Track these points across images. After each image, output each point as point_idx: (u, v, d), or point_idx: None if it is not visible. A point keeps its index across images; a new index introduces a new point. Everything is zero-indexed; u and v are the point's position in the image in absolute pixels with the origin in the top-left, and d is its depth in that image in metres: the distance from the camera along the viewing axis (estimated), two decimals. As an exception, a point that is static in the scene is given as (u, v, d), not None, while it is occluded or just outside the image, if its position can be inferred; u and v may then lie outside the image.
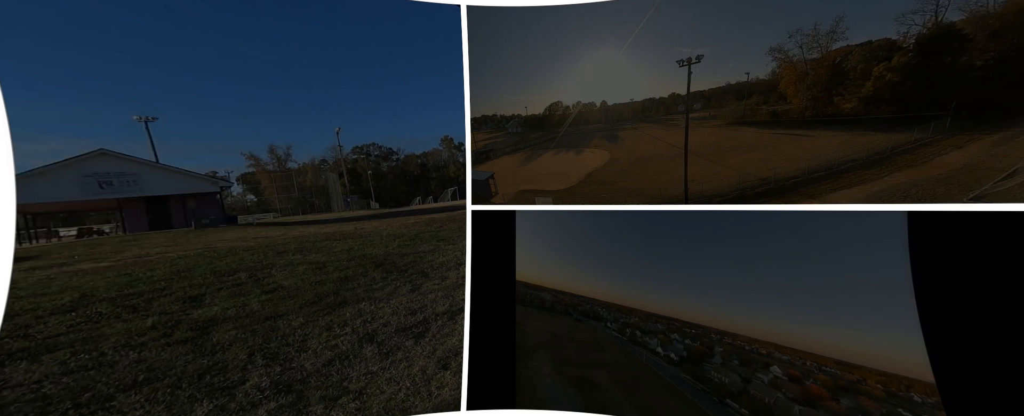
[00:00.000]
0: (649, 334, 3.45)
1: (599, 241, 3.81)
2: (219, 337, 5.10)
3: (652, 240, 3.60)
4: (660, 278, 3.51)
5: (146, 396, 3.86)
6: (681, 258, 3.46)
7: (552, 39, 3.93)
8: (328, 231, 14.03)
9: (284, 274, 7.89)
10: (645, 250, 3.61)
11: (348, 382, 4.15)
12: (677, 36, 3.65)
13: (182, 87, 25.26)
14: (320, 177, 39.07)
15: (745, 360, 3.05)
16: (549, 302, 3.92)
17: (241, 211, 34.66)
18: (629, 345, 3.52)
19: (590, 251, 3.82)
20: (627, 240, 3.71)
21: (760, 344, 3.07)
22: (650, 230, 3.62)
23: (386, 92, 40.29)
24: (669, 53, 3.72)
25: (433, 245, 10.39)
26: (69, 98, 21.41)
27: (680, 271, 3.42)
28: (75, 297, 6.51)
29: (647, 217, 3.67)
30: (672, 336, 3.35)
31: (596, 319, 3.72)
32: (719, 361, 3.13)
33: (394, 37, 37.29)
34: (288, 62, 31.76)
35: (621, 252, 3.72)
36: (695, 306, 3.29)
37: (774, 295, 2.97)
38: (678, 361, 3.28)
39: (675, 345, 3.32)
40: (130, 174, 19.71)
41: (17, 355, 4.59)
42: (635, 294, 3.61)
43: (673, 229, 3.54)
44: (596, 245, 3.81)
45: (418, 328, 5.38)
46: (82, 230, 22.39)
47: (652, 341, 3.42)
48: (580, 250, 3.86)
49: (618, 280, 3.71)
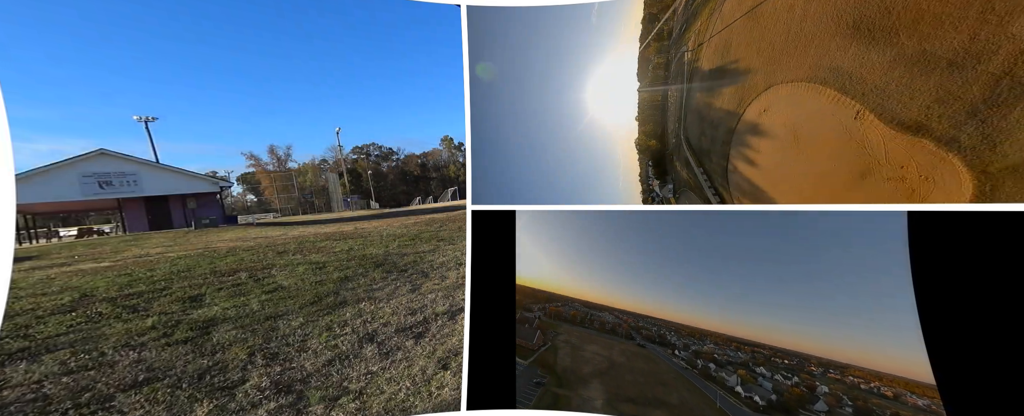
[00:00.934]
0: (727, 367, 2.81)
1: (663, 248, 3.25)
2: (219, 337, 5.10)
3: (722, 249, 2.93)
4: (737, 294, 2.80)
5: (146, 396, 3.86)
6: (762, 268, 2.73)
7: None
8: (328, 231, 14.03)
9: (284, 274, 7.89)
10: (718, 260, 2.95)
11: (348, 382, 4.14)
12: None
13: (182, 87, 25.26)
14: (320, 177, 39.07)
15: (865, 411, 2.24)
16: (611, 324, 3.49)
17: (241, 211, 34.66)
18: (700, 381, 2.90)
19: (658, 263, 3.27)
20: (695, 247, 3.08)
21: (885, 381, 2.33)
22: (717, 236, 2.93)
23: (386, 92, 40.29)
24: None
25: (433, 245, 10.39)
26: (69, 98, 21.39)
27: (761, 284, 2.72)
28: (75, 297, 6.51)
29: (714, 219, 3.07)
30: (757, 371, 2.64)
31: (662, 344, 3.20)
32: (824, 409, 2.34)
33: (394, 37, 37.28)
34: (288, 62, 31.76)
35: (693, 261, 3.06)
36: (789, 327, 2.55)
37: (895, 312, 2.20)
38: (765, 408, 2.54)
39: (761, 384, 2.59)
40: (130, 174, 19.71)
41: (17, 355, 4.59)
42: (708, 312, 2.97)
43: (748, 235, 2.79)
44: (661, 253, 3.25)
45: (418, 328, 5.38)
46: (82, 230, 22.37)
47: (730, 378, 2.77)
48: (646, 262, 3.34)
49: (688, 295, 3.11)
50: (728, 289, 2.90)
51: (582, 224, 3.78)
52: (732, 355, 2.76)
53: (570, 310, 3.77)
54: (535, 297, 3.84)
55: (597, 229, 3.73)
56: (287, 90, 34.38)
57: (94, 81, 22.71)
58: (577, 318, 3.67)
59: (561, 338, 3.70)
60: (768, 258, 2.87)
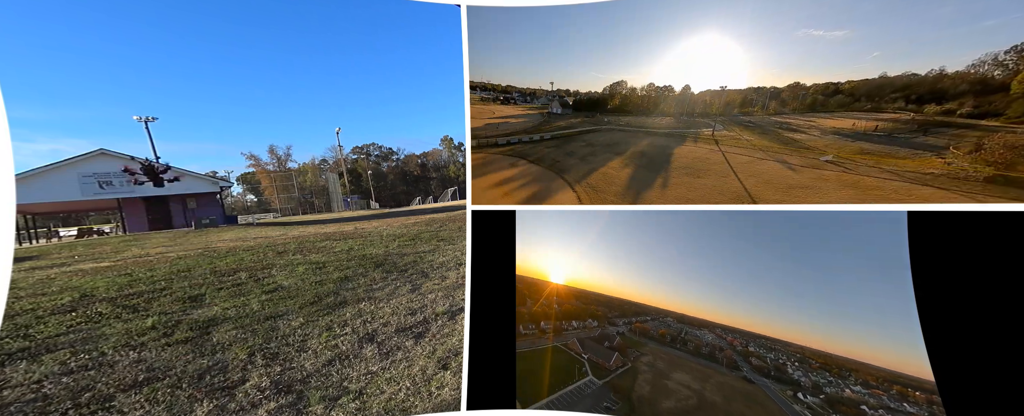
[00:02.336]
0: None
1: (764, 250, 2.60)
2: (219, 337, 5.10)
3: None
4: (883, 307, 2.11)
5: (146, 396, 3.85)
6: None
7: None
8: (328, 231, 14.02)
9: (284, 274, 7.89)
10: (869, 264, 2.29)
11: (348, 382, 4.14)
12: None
13: (182, 87, 25.24)
14: (320, 177, 39.08)
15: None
16: (710, 346, 2.84)
17: (241, 211, 34.66)
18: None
19: (766, 267, 2.62)
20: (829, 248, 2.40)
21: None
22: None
23: (386, 92, 40.34)
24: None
25: (433, 245, 10.38)
26: (69, 98, 21.38)
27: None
28: (75, 297, 6.50)
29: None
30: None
31: (781, 380, 2.39)
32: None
33: (394, 37, 37.33)
34: (288, 62, 31.80)
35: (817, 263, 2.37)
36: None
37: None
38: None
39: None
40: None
41: (17, 355, 4.59)
42: (847, 335, 2.20)
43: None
44: (763, 257, 2.59)
45: (418, 328, 5.38)
46: (82, 230, 22.37)
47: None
48: (752, 268, 2.64)
49: (825, 311, 2.35)
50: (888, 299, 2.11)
51: (664, 223, 3.27)
52: (896, 408, 1.77)
53: (660, 326, 3.28)
54: (620, 310, 3.45)
55: (679, 228, 3.23)
56: (287, 90, 34.40)
57: (94, 81, 22.68)
58: (667, 337, 3.19)
59: (644, 360, 3.21)
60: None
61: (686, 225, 3.26)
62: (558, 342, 3.82)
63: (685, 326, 3.07)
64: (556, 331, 3.86)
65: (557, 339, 3.83)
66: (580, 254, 3.73)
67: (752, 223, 2.94)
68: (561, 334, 3.85)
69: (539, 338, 3.84)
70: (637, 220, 3.50)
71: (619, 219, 3.55)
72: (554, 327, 3.87)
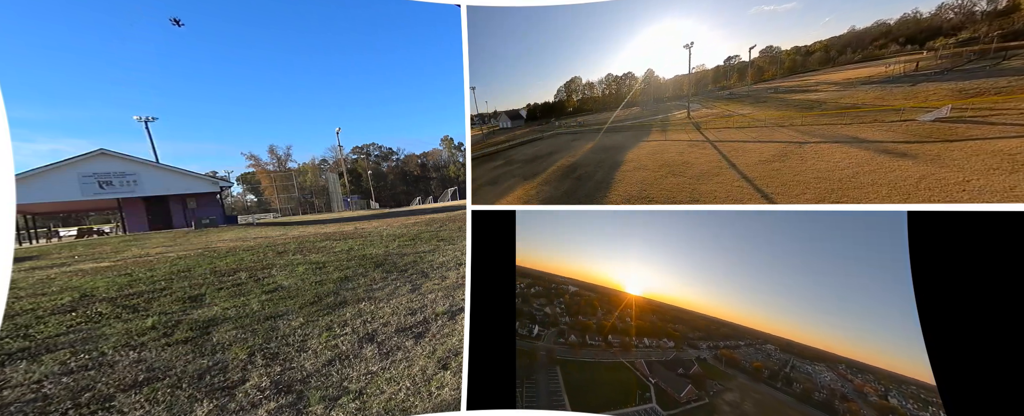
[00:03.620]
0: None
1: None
2: (219, 337, 5.10)
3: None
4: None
5: (146, 396, 3.85)
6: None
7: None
8: (328, 231, 14.02)
9: (284, 274, 7.89)
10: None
11: (348, 382, 4.14)
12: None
13: (182, 87, 25.29)
14: (320, 177, 39.06)
15: None
16: (825, 389, 2.02)
17: (241, 211, 34.66)
18: None
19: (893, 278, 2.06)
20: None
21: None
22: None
23: (386, 92, 40.36)
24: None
25: (433, 245, 10.38)
26: (69, 98, 21.41)
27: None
28: (75, 297, 6.50)
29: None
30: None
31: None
32: None
33: (394, 37, 37.34)
34: (288, 61, 31.82)
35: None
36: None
37: None
38: None
39: None
40: (130, 174, 19.69)
41: (17, 355, 4.59)
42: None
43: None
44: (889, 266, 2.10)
45: (418, 328, 5.38)
46: (82, 230, 22.37)
47: None
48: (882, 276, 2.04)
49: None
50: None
51: (770, 224, 2.70)
52: None
53: (755, 356, 2.62)
54: (706, 330, 2.86)
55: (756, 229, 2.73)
56: (288, 90, 34.41)
57: (94, 81, 22.72)
58: (764, 371, 2.52)
59: (727, 397, 2.59)
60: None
61: (794, 228, 2.70)
62: (625, 358, 3.52)
63: (792, 357, 2.35)
64: (624, 347, 3.58)
65: (624, 355, 3.54)
66: (662, 263, 3.39)
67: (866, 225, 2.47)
68: (629, 351, 3.52)
69: (603, 351, 3.58)
70: (734, 222, 2.99)
71: (709, 221, 3.09)
72: (623, 343, 3.59)
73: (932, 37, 2.82)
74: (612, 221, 3.52)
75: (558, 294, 3.78)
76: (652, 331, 3.42)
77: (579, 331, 3.68)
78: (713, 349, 2.90)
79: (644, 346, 3.41)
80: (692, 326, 3.16)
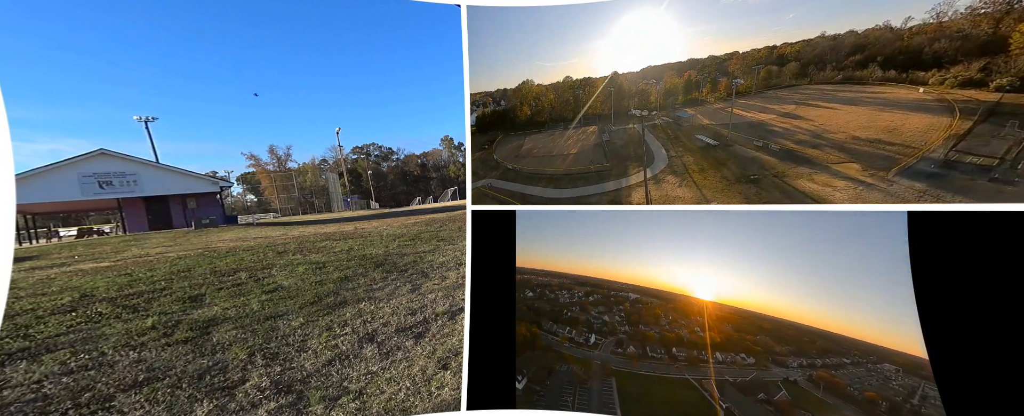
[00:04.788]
0: None
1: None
2: (219, 337, 5.10)
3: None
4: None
5: (146, 396, 3.85)
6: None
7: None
8: (328, 231, 14.02)
9: (284, 274, 7.89)
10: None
11: (348, 382, 4.14)
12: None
13: (182, 87, 25.26)
14: (320, 177, 39.07)
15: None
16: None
17: (241, 211, 34.68)
18: None
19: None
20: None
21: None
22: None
23: (386, 92, 40.36)
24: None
25: (433, 245, 10.38)
26: (69, 98, 21.39)
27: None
28: (75, 297, 6.50)
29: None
30: None
31: None
32: None
33: (394, 37, 37.33)
34: (288, 61, 31.81)
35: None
36: None
37: None
38: None
39: None
40: (130, 174, 19.70)
41: (17, 355, 4.59)
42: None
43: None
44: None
45: (418, 328, 5.38)
46: (82, 230, 22.37)
47: None
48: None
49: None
50: None
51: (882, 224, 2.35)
52: None
53: (869, 380, 1.98)
54: (797, 344, 2.28)
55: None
56: (288, 90, 34.41)
57: (94, 81, 22.71)
58: (882, 404, 1.90)
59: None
60: None
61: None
62: (691, 375, 3.10)
63: (923, 383, 1.76)
64: (690, 362, 3.17)
65: (690, 371, 3.13)
66: (738, 263, 3.00)
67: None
68: (697, 366, 3.08)
69: (666, 365, 3.20)
70: (819, 220, 2.73)
71: (792, 220, 2.83)
72: (690, 357, 3.18)
73: (913, 63, 2.79)
74: (675, 221, 3.31)
75: (618, 302, 3.59)
76: (726, 344, 2.95)
77: (639, 341, 3.42)
78: (806, 369, 2.28)
79: (716, 362, 2.95)
80: (778, 337, 2.63)
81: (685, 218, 3.28)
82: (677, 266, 3.27)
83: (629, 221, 3.52)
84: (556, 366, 3.59)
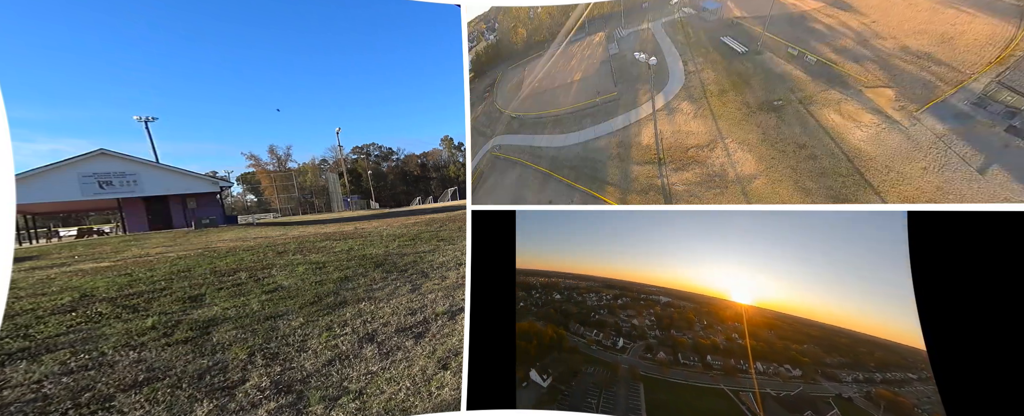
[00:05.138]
0: None
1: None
2: (219, 337, 5.10)
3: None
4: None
5: (146, 396, 3.86)
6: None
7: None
8: (328, 231, 14.02)
9: (284, 274, 7.89)
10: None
11: (348, 382, 4.14)
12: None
13: (182, 87, 25.28)
14: (320, 177, 39.07)
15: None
16: None
17: (241, 211, 34.68)
18: None
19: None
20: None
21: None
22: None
23: (386, 92, 40.39)
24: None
25: (433, 245, 10.38)
26: (69, 98, 21.43)
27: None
28: (75, 297, 6.50)
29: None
30: None
31: None
32: None
33: (394, 37, 37.34)
34: (288, 62, 31.85)
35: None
36: None
37: None
38: None
39: None
40: (130, 174, 19.70)
41: (17, 355, 4.59)
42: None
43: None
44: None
45: (418, 328, 5.38)
46: (82, 230, 22.37)
47: None
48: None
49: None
50: None
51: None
52: None
53: (938, 402, 1.76)
54: (853, 355, 2.05)
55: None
56: (287, 90, 34.43)
57: (94, 81, 22.75)
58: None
59: None
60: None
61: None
62: (727, 385, 2.88)
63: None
64: (727, 371, 2.94)
65: (726, 381, 2.91)
66: (786, 266, 2.71)
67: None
68: (734, 377, 2.84)
69: (699, 374, 2.99)
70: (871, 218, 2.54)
71: (840, 218, 2.62)
72: (726, 366, 2.95)
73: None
74: (708, 220, 3.09)
75: (648, 305, 3.46)
76: (767, 353, 2.67)
77: (670, 347, 3.26)
78: (863, 384, 2.01)
79: (757, 372, 2.70)
80: (828, 346, 2.37)
81: (718, 218, 3.10)
82: (711, 267, 3.07)
83: (658, 221, 3.36)
84: (582, 368, 3.53)
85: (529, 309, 3.80)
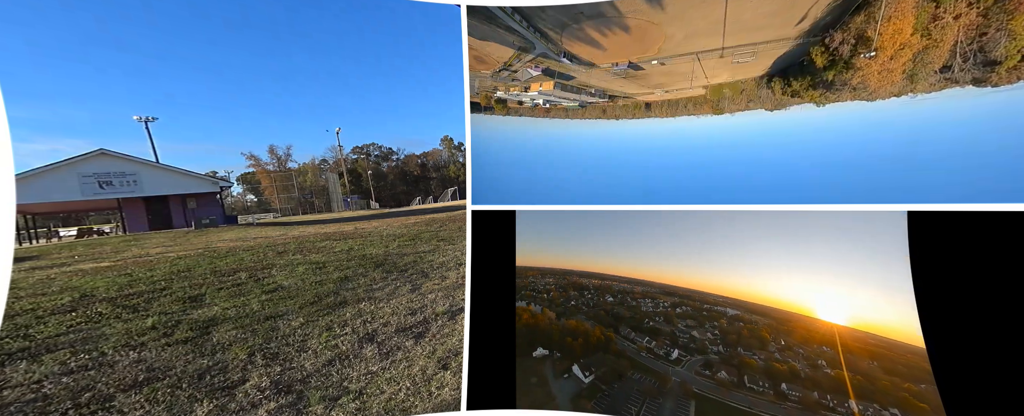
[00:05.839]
0: None
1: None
2: (219, 337, 5.10)
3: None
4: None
5: (146, 396, 3.85)
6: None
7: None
8: (328, 231, 14.02)
9: (284, 274, 7.89)
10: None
11: (348, 382, 4.14)
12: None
13: (182, 87, 25.27)
14: (320, 177, 39.07)
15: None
16: None
17: (241, 211, 34.66)
18: None
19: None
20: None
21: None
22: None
23: (386, 92, 40.46)
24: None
25: (433, 245, 10.38)
26: (69, 98, 21.40)
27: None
28: (75, 297, 6.50)
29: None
30: None
31: None
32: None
33: (394, 37, 37.39)
34: (288, 62, 31.84)
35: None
36: None
37: None
38: None
39: None
40: (130, 174, 19.70)
41: (17, 355, 4.59)
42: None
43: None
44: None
45: (418, 328, 5.38)
46: (82, 230, 22.38)
47: None
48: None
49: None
50: None
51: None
52: None
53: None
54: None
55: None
56: (287, 90, 34.44)
57: (94, 81, 22.72)
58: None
59: None
60: None
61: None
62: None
63: None
64: (807, 406, 2.50)
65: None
66: (891, 277, 2.20)
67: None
68: (816, 413, 2.44)
69: (769, 403, 2.61)
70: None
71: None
72: (805, 399, 2.51)
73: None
74: (784, 222, 2.70)
75: (711, 317, 3.15)
76: (866, 390, 2.20)
77: (735, 367, 2.90)
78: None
79: (847, 412, 2.18)
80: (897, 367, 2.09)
81: (803, 219, 2.68)
82: (793, 277, 2.61)
83: (727, 222, 2.96)
84: (628, 372, 3.35)
85: (580, 308, 3.69)
